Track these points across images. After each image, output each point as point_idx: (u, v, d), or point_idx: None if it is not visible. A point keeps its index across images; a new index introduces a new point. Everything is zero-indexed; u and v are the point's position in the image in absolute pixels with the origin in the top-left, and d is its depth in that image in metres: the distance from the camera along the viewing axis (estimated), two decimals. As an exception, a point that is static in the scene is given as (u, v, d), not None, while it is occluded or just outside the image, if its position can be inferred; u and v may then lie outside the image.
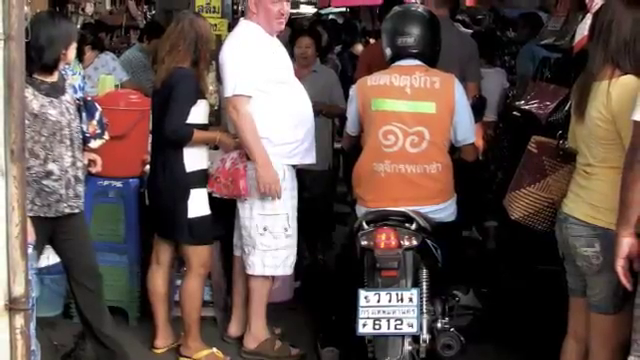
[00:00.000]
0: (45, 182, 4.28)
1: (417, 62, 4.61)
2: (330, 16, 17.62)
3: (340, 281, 5.05)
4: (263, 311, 5.13)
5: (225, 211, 5.15)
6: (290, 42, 6.84)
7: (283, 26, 5.11)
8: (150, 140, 5.23)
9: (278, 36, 5.17)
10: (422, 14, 4.78)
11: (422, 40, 4.61)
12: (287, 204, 5.00)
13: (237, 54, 4.90)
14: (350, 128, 4.88)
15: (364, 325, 4.20)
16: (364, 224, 4.40)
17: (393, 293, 4.22)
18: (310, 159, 5.14)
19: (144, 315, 5.49)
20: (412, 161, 4.50)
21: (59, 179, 4.32)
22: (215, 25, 7.90)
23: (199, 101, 4.88)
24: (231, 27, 7.52)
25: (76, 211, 4.44)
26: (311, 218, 5.99)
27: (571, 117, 3.82)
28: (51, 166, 4.29)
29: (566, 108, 4.93)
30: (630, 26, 3.52)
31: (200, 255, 4.98)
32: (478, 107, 4.97)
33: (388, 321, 4.19)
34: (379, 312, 4.21)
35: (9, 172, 3.12)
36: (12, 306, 3.16)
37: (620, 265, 3.29)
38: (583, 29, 4.96)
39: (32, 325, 3.65)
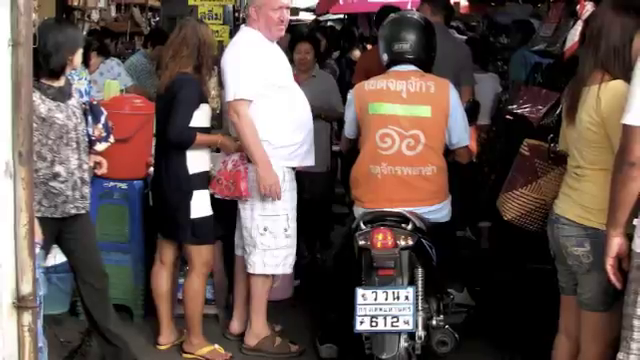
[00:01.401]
0: (52, 184, 4.33)
1: (413, 67, 4.66)
2: (329, 23, 17.66)
3: (338, 280, 5.08)
4: (263, 309, 5.18)
5: (226, 212, 5.20)
6: (290, 48, 6.86)
7: (283, 32, 5.15)
8: (154, 143, 5.26)
9: (278, 42, 5.22)
10: (418, 21, 4.83)
11: (418, 46, 4.67)
12: (287, 205, 5.05)
13: (238, 60, 4.95)
14: (348, 131, 4.94)
15: (361, 322, 4.24)
16: (361, 224, 4.43)
17: (390, 291, 4.26)
18: (309, 161, 5.20)
19: (148, 313, 5.54)
20: (408, 163, 4.56)
21: (66, 181, 4.37)
22: (217, 32, 7.96)
23: (201, 105, 4.92)
24: (232, 33, 7.61)
25: (82, 212, 4.49)
26: (310, 218, 6.07)
27: (562, 121, 3.86)
28: (58, 168, 4.34)
29: (557, 112, 4.91)
30: (619, 33, 3.55)
31: (202, 255, 5.03)
32: (472, 111, 5.01)
33: (385, 318, 4.23)
34: (376, 310, 4.24)
35: (17, 174, 3.19)
36: (20, 304, 3.23)
37: (610, 264, 3.34)
38: (574, 35, 5.02)
39: (39, 322, 3.67)
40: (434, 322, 4.51)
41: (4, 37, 3.16)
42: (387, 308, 4.25)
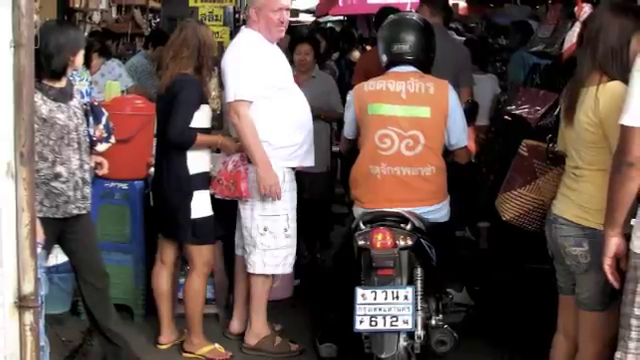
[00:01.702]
0: (53, 184, 4.34)
1: (412, 68, 4.67)
2: (328, 24, 17.77)
3: (338, 279, 5.09)
4: (264, 308, 5.19)
5: (227, 212, 5.21)
6: (290, 49, 6.88)
7: (283, 34, 5.18)
8: (155, 144, 5.28)
9: (278, 43, 5.24)
10: (417, 22, 4.84)
11: (417, 47, 4.68)
12: (287, 205, 5.07)
13: (238, 61, 4.97)
14: (347, 132, 4.95)
15: (361, 322, 4.25)
16: (361, 224, 4.44)
17: (389, 291, 4.27)
18: (309, 162, 5.21)
19: (149, 312, 5.56)
20: (407, 164, 4.56)
21: (67, 181, 4.38)
22: (217, 33, 7.98)
23: (202, 106, 4.94)
24: (233, 35, 7.63)
25: (83, 212, 4.50)
26: (310, 218, 6.09)
27: (560, 121, 3.87)
28: (59, 169, 4.35)
29: (555, 113, 4.98)
30: (617, 34, 3.56)
31: (203, 254, 5.05)
32: (471, 112, 5.01)
33: (384, 318, 4.24)
34: (375, 309, 4.25)
35: (19, 175, 3.21)
36: (22, 304, 3.26)
37: (607, 264, 3.34)
38: (572, 37, 5.04)
39: (41, 322, 3.68)
40: (433, 322, 4.53)
41: (6, 38, 3.18)
42: (386, 308, 4.26)
